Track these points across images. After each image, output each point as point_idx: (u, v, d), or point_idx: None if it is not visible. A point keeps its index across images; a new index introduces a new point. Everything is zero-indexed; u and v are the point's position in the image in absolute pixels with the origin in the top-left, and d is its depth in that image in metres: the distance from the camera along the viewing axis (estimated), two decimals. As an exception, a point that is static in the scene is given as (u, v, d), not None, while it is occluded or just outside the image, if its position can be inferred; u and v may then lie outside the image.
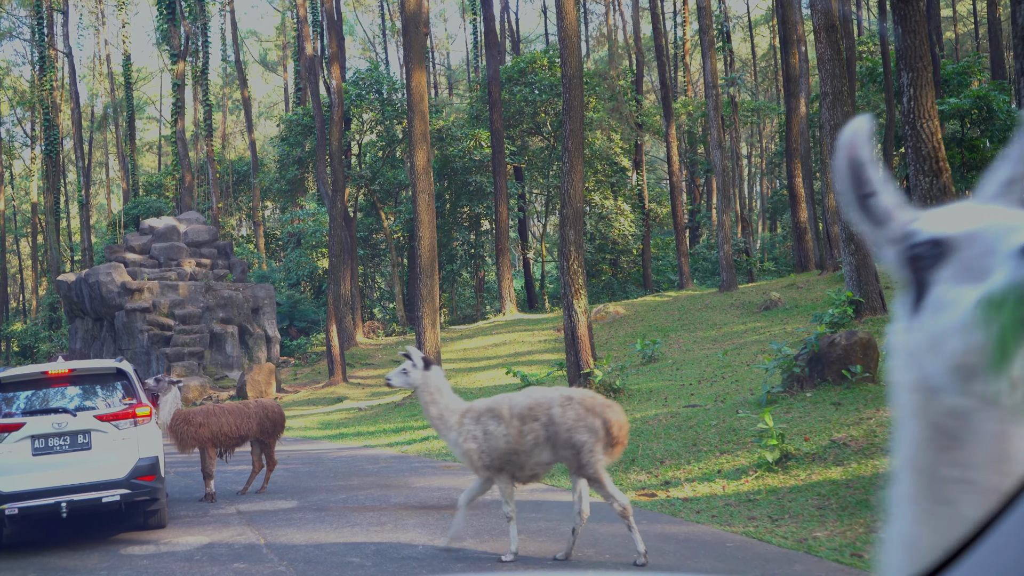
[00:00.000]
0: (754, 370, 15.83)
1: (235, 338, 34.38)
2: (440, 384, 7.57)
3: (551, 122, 41.34)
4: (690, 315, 28.24)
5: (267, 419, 11.51)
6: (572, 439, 6.90)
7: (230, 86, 69.16)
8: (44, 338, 48.48)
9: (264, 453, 11.73)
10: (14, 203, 74.60)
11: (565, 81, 16.18)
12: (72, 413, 9.08)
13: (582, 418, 6.94)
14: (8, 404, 9.18)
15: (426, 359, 7.73)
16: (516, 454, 7.09)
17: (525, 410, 7.10)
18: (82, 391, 9.45)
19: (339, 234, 31.42)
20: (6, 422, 8.90)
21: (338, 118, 31.57)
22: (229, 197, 52.69)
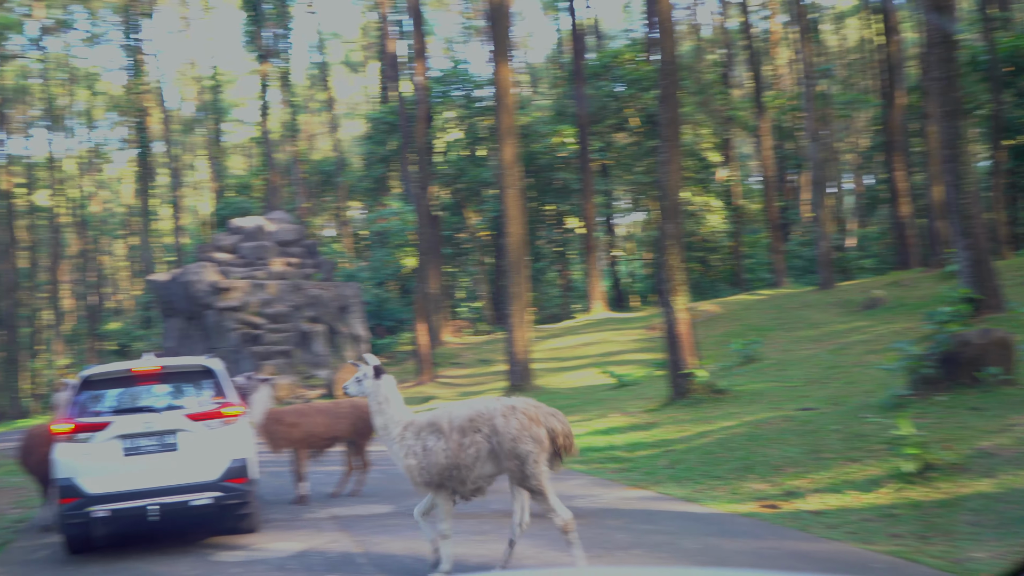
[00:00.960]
0: (867, 371, 14.90)
1: (323, 337, 34.34)
2: (389, 394, 7.31)
3: (638, 117, 40.49)
4: (787, 314, 27.17)
5: (360, 419, 11.05)
6: (516, 449, 6.65)
7: (314, 87, 69.70)
8: (139, 337, 49.37)
9: (357, 454, 11.28)
10: (109, 206, 76.48)
11: (661, 68, 15.47)
12: (160, 412, 8.74)
13: (526, 427, 6.68)
14: (96, 402, 8.88)
15: (377, 368, 7.45)
16: (457, 468, 6.84)
17: (466, 422, 6.85)
18: (171, 389, 9.10)
19: (426, 231, 31.11)
20: (93, 421, 8.59)
21: (423, 115, 31.28)
22: (315, 197, 53.00)
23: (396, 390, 7.43)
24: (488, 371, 30.85)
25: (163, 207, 67.37)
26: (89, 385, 8.92)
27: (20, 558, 9.21)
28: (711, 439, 11.83)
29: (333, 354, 34.73)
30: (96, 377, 8.95)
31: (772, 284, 36.28)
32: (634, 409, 16.17)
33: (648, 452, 12.13)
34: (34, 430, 10.89)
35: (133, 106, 51.71)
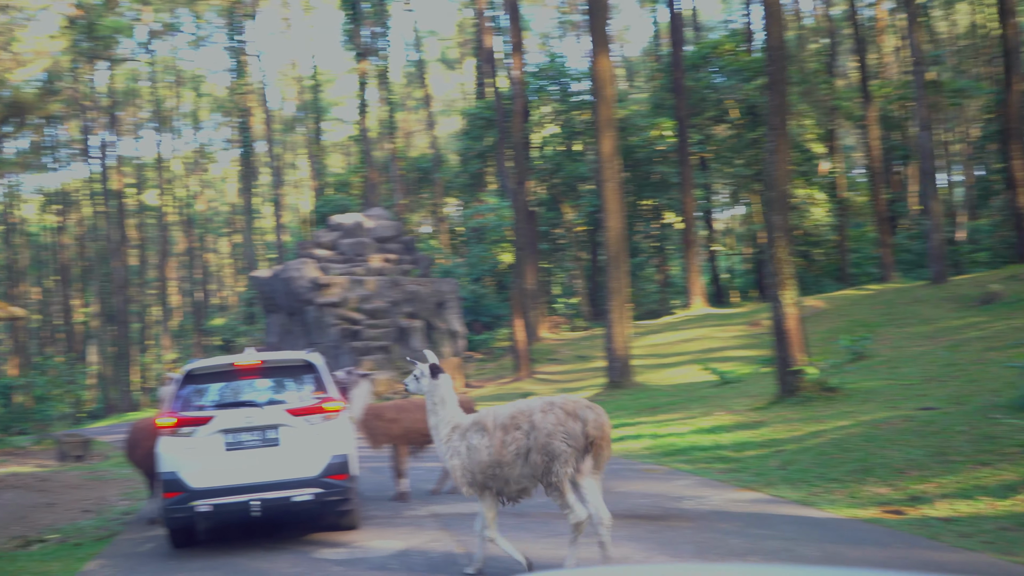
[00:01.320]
0: (989, 369, 14.11)
1: (421, 333, 34.47)
2: (445, 394, 7.39)
3: (738, 109, 39.58)
4: (897, 309, 26.14)
5: (461, 416, 10.89)
6: (549, 445, 6.65)
7: (411, 85, 70.28)
8: (243, 332, 50.50)
9: (457, 452, 11.11)
10: (214, 204, 78.51)
11: (767, 53, 14.90)
12: (262, 407, 8.67)
13: (561, 422, 6.68)
14: (198, 397, 8.87)
15: (434, 366, 7.53)
16: (499, 466, 6.85)
17: (508, 419, 6.90)
18: (272, 384, 9.04)
19: (522, 226, 30.90)
20: (197, 415, 8.58)
21: (520, 109, 31.05)
22: (412, 194, 53.37)
23: (452, 390, 7.45)
24: (586, 367, 30.51)
25: (265, 205, 68.84)
26: (192, 379, 8.92)
27: (126, 550, 9.28)
28: (825, 439, 11.29)
29: (431, 350, 34.79)
30: (199, 371, 8.94)
31: (879, 279, 35.04)
32: (739, 407, 15.66)
33: (757, 452, 11.66)
34: (139, 424, 11.01)
35: (236, 107, 52.84)
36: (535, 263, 35.65)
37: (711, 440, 13.11)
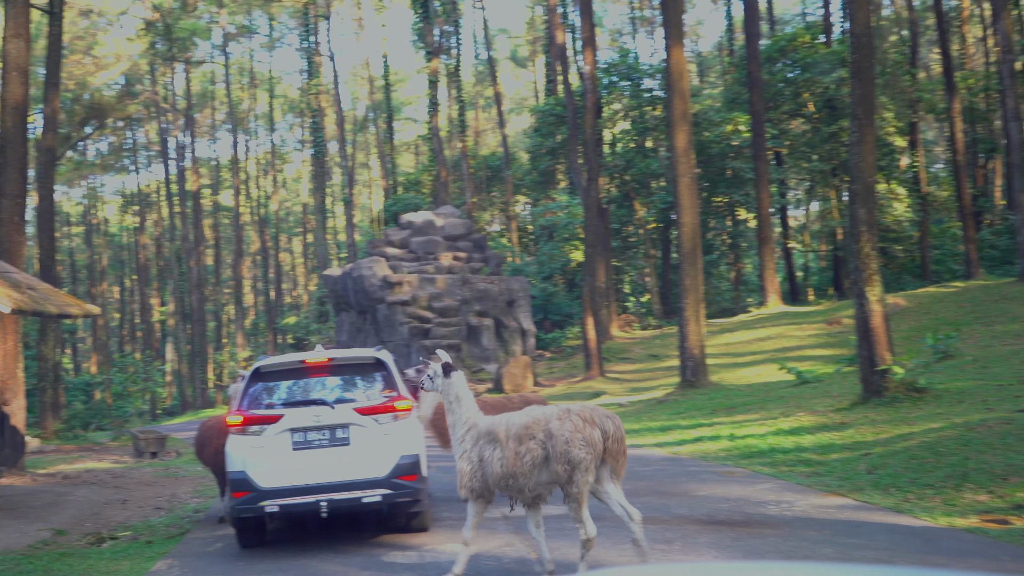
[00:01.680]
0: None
1: (491, 331, 34.29)
2: (460, 392, 7.25)
3: (814, 102, 38.59)
4: (984, 307, 25.13)
5: (532, 415, 10.60)
6: (569, 453, 6.55)
7: (482, 83, 70.23)
8: (314, 331, 50.93)
9: (529, 452, 10.82)
10: (287, 204, 79.50)
11: (853, 40, 14.32)
12: (331, 405, 8.46)
13: (579, 429, 6.59)
14: (267, 395, 8.70)
15: (446, 365, 7.38)
16: (514, 477, 6.75)
17: (522, 429, 6.78)
18: (341, 382, 8.83)
19: (594, 224, 30.49)
20: (265, 413, 8.41)
21: (591, 104, 30.63)
22: (482, 192, 53.28)
23: (467, 388, 7.32)
24: (658, 366, 30.01)
25: (337, 205, 69.48)
26: (260, 377, 8.76)
27: (195, 550, 9.17)
28: (915, 442, 10.73)
29: (501, 348, 34.63)
30: (267, 369, 8.78)
31: (963, 276, 33.83)
32: (821, 408, 15.09)
33: (842, 455, 11.14)
34: (209, 422, 10.94)
35: (309, 107, 53.31)
36: (606, 261, 35.22)
37: (792, 442, 12.60)
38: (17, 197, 15.78)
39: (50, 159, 27.08)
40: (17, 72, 15.80)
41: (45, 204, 27.44)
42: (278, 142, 72.73)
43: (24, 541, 10.31)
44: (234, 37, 61.12)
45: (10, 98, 15.76)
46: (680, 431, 15.77)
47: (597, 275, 30.99)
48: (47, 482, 14.89)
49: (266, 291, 65.41)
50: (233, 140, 61.26)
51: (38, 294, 12.36)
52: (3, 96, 15.85)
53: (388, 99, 53.03)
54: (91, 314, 13.60)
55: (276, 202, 69.03)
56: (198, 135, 67.04)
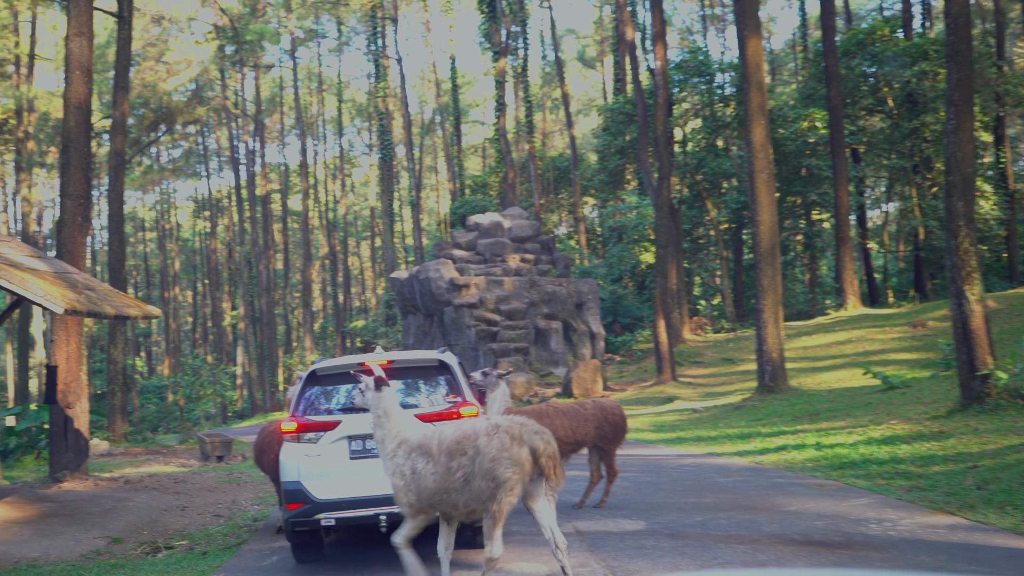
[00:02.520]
0: None
1: (559, 334, 33.62)
2: (389, 407, 6.98)
3: (894, 97, 37.17)
4: (1081, 308, 23.77)
5: (606, 422, 9.87)
6: (494, 471, 6.32)
7: (549, 85, 69.67)
8: (382, 334, 50.79)
9: (603, 461, 10.09)
10: (355, 208, 79.83)
11: (949, 22, 13.36)
12: None
13: (506, 448, 6.36)
14: (324, 399, 8.14)
15: (379, 379, 7.09)
16: (447, 492, 6.54)
17: (454, 444, 6.56)
18: (403, 386, 8.20)
19: (665, 224, 29.63)
20: (321, 419, 7.85)
21: (662, 101, 29.79)
22: (550, 194, 52.64)
23: (397, 403, 7.09)
24: (732, 370, 29.06)
25: (404, 209, 69.45)
26: (316, 380, 8.19)
27: (250, 563, 8.66)
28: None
29: (569, 351, 33.94)
30: (324, 372, 8.19)
31: (1056, 276, 32.22)
32: (915, 415, 14.12)
33: (945, 468, 10.23)
34: (269, 427, 10.43)
35: (377, 111, 53.26)
36: (678, 262, 34.30)
37: (887, 452, 11.70)
38: (79, 198, 15.57)
39: (120, 163, 27.15)
40: (80, 71, 15.60)
41: (115, 207, 27.51)
42: (346, 146, 73.10)
43: (78, 550, 9.94)
44: (302, 42, 61.45)
45: (72, 97, 15.56)
46: (761, 439, 14.92)
47: (669, 276, 30.13)
48: (109, 487, 14.62)
49: (334, 295, 65.61)
50: (301, 145, 61.55)
51: (96, 295, 12.04)
52: (65, 95, 15.65)
53: (455, 101, 52.68)
54: (151, 316, 13.27)
55: (344, 206, 69.25)
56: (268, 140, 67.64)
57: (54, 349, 15.32)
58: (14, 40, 40.57)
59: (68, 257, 15.34)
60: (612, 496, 10.39)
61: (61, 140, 16.10)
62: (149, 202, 76.36)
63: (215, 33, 46.55)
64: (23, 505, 12.24)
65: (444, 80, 62.87)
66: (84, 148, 15.70)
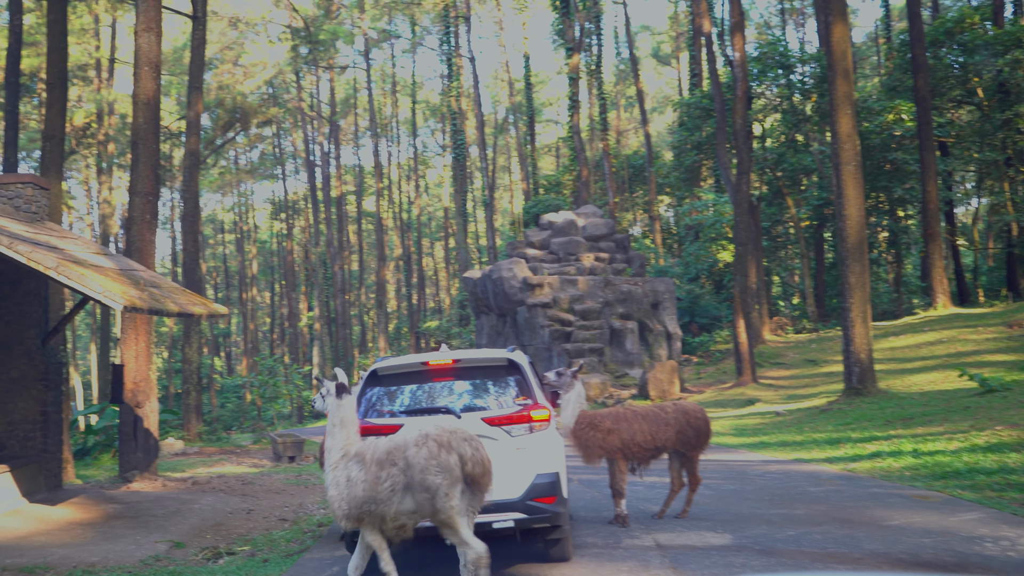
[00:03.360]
0: None
1: (635, 334, 32.87)
2: (346, 416, 6.83)
3: (984, 88, 35.56)
4: None
5: (688, 426, 9.21)
6: (425, 481, 6.28)
7: (623, 83, 68.81)
8: (455, 334, 50.57)
9: (685, 468, 9.44)
10: (428, 210, 79.91)
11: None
12: (456, 414, 7.32)
13: (435, 456, 6.30)
14: (385, 401, 7.62)
15: (340, 386, 6.94)
16: (375, 503, 6.41)
17: (384, 454, 6.48)
18: (469, 387, 7.64)
19: (744, 221, 28.69)
20: (383, 422, 7.35)
21: (741, 93, 28.86)
22: (625, 192, 51.84)
23: (355, 414, 6.91)
24: (815, 372, 27.99)
25: (478, 209, 69.24)
26: (377, 380, 7.69)
27: (309, 575, 8.21)
28: None
29: (645, 352, 33.18)
30: (385, 371, 7.68)
31: None
32: (1021, 420, 13.15)
33: (1062, 479, 9.36)
34: (332, 428, 9.99)
35: (450, 110, 53.08)
36: (757, 260, 33.26)
37: (994, 461, 10.81)
38: (148, 195, 15.41)
39: (195, 163, 27.25)
40: (148, 67, 15.44)
41: (190, 207, 27.63)
42: (420, 147, 73.14)
43: (138, 554, 9.64)
44: (376, 43, 61.62)
45: (141, 93, 15.41)
46: (852, 445, 14.06)
47: (748, 275, 29.18)
48: (176, 488, 14.41)
49: (408, 295, 65.66)
50: (375, 146, 61.73)
51: (160, 292, 11.78)
52: (134, 92, 15.52)
53: (529, 98, 52.18)
54: (217, 314, 13.00)
55: (418, 207, 69.31)
56: (342, 142, 68.01)
57: (123, 347, 15.20)
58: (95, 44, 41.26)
59: (137, 255, 15.20)
60: (694, 506, 9.74)
61: (131, 137, 15.99)
62: (228, 204, 77.50)
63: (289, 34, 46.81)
64: (89, 506, 12.05)
65: (517, 79, 62.52)
66: (153, 145, 15.54)
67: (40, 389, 12.71)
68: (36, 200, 13.12)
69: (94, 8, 36.95)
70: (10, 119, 20.27)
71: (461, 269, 55.15)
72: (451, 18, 51.93)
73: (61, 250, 11.24)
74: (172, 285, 13.30)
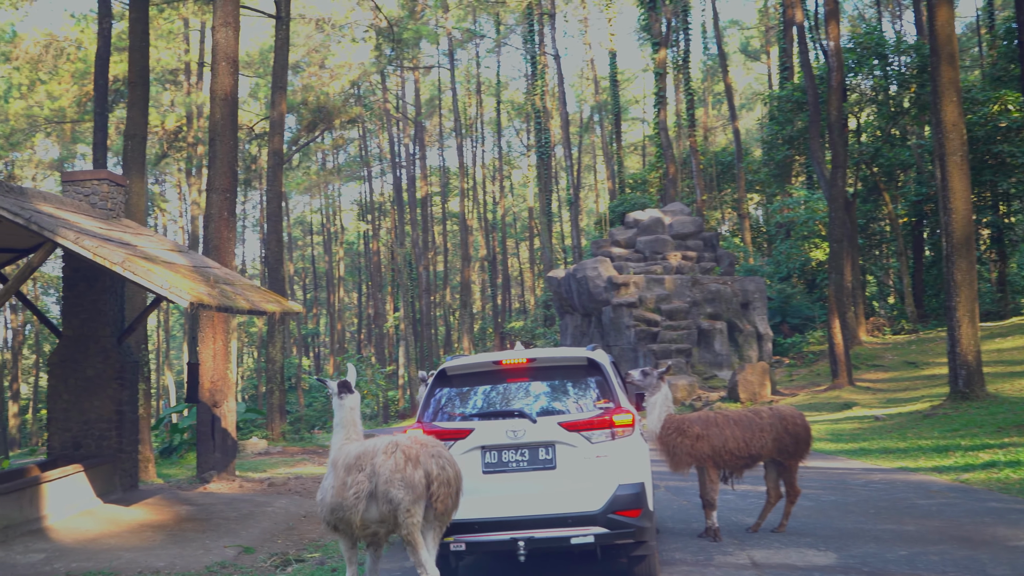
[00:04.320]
0: None
1: (723, 335, 31.88)
2: (345, 418, 6.58)
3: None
4: None
5: (786, 432, 8.46)
6: (388, 493, 6.00)
7: (710, 79, 67.46)
8: (539, 335, 50.06)
9: (783, 479, 8.69)
10: (513, 210, 79.59)
11: None
12: (531, 418, 6.67)
13: (399, 469, 6.00)
14: (456, 403, 7.06)
15: (342, 384, 6.65)
16: (342, 509, 6.18)
17: (353, 460, 6.24)
18: (546, 388, 6.99)
19: (840, 217, 27.49)
20: (453, 426, 6.80)
21: (836, 84, 27.64)
22: (713, 190, 50.65)
23: (357, 416, 6.63)
24: (916, 375, 26.66)
25: (563, 209, 68.62)
26: (446, 381, 7.14)
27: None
28: None
29: (734, 353, 32.16)
30: (455, 371, 7.13)
31: None
32: None
33: None
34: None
35: (534, 109, 52.62)
36: (853, 259, 31.92)
37: None
38: (226, 192, 15.22)
39: (278, 162, 27.24)
40: (226, 62, 15.26)
41: (273, 207, 27.64)
42: (505, 148, 72.89)
43: (205, 560, 9.30)
44: (460, 43, 61.48)
45: (219, 89, 15.23)
46: (962, 453, 13.07)
47: (844, 273, 27.96)
48: (252, 489, 14.16)
49: (493, 296, 65.38)
50: (459, 146, 61.59)
51: (232, 289, 11.49)
52: (212, 87, 15.35)
53: (615, 96, 51.36)
54: (291, 312, 12.69)
55: (503, 207, 69.02)
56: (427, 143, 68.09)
57: (200, 346, 15.03)
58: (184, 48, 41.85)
59: (215, 252, 15.01)
60: (792, 519, 8.99)
61: (208, 133, 15.84)
62: (316, 206, 78.39)
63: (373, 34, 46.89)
64: (162, 507, 11.83)
65: (603, 77, 61.71)
66: (231, 141, 15.35)
67: (115, 388, 12.55)
68: (112, 197, 12.98)
69: (182, 12, 37.44)
70: (99, 121, 20.44)
71: (546, 270, 54.59)
72: (535, 16, 51.43)
73: (133, 246, 11.02)
74: (246, 282, 13.03)
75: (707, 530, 8.44)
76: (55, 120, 45.79)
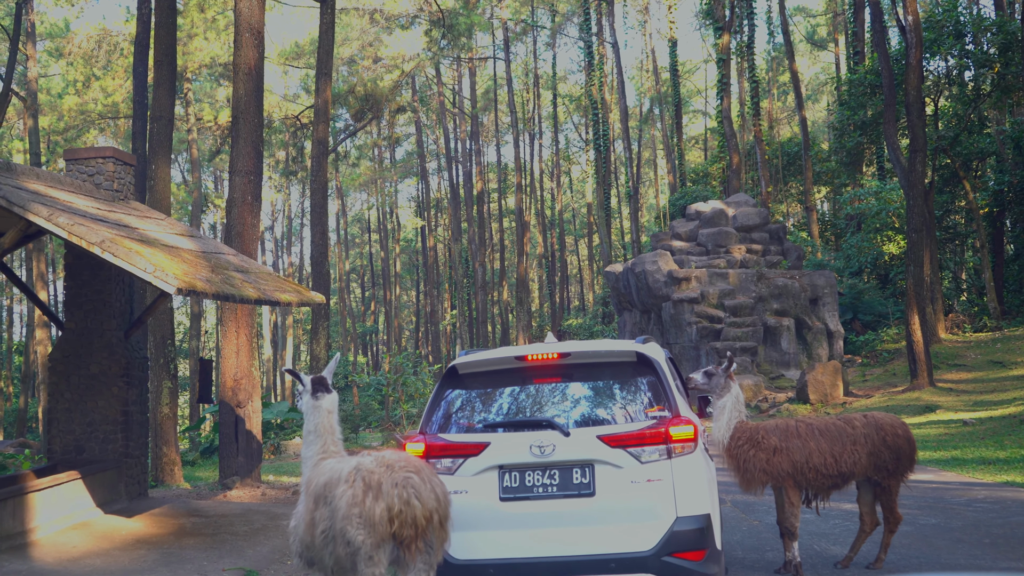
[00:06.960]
0: None
1: (791, 332, 30.08)
2: (321, 423, 5.28)
3: None
4: None
5: (884, 446, 6.87)
6: (345, 533, 4.59)
7: (775, 70, 65.27)
8: (597, 332, 48.56)
9: (880, 502, 7.10)
10: (572, 207, 78.09)
11: None
12: (563, 430, 5.16)
13: (357, 503, 4.57)
14: (469, 409, 5.56)
15: (317, 381, 5.43)
16: (312, 548, 4.86)
17: (322, 488, 4.86)
18: (586, 391, 5.47)
19: (918, 207, 25.56)
20: (463, 439, 5.34)
21: (915, 62, 25.66)
22: (778, 182, 48.60)
23: (335, 420, 5.37)
24: (1003, 375, 24.65)
25: (622, 205, 66.98)
26: (456, 381, 5.63)
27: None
28: None
29: (803, 351, 30.34)
30: (467, 369, 5.62)
31: None
32: None
33: None
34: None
35: (591, 100, 51.11)
36: (932, 251, 29.88)
37: None
38: (250, 174, 14.03)
39: (323, 151, 26.11)
40: (249, 33, 14.05)
41: (317, 198, 26.52)
42: (563, 143, 71.42)
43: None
44: (517, 36, 60.16)
45: (242, 62, 14.03)
46: (1080, 466, 11.34)
47: (923, 266, 26.01)
48: (275, 497, 12.94)
49: (551, 293, 63.99)
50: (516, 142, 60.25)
51: (244, 277, 10.26)
52: (235, 61, 14.15)
53: (675, 86, 49.55)
54: (310, 302, 11.44)
55: (561, 203, 67.59)
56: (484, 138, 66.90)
57: (222, 341, 13.86)
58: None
59: (237, 239, 13.83)
60: (891, 549, 7.43)
61: (231, 111, 14.66)
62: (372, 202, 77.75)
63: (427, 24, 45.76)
64: (167, 520, 10.64)
65: (663, 68, 59.92)
66: (255, 119, 14.15)
67: (121, 387, 11.41)
68: (119, 177, 11.85)
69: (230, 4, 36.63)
70: (138, 109, 19.43)
71: (604, 266, 53.05)
72: (592, 4, 49.87)
73: (131, 228, 9.85)
74: (265, 271, 11.81)
75: (786, 564, 6.91)
76: (109, 116, 45.50)
